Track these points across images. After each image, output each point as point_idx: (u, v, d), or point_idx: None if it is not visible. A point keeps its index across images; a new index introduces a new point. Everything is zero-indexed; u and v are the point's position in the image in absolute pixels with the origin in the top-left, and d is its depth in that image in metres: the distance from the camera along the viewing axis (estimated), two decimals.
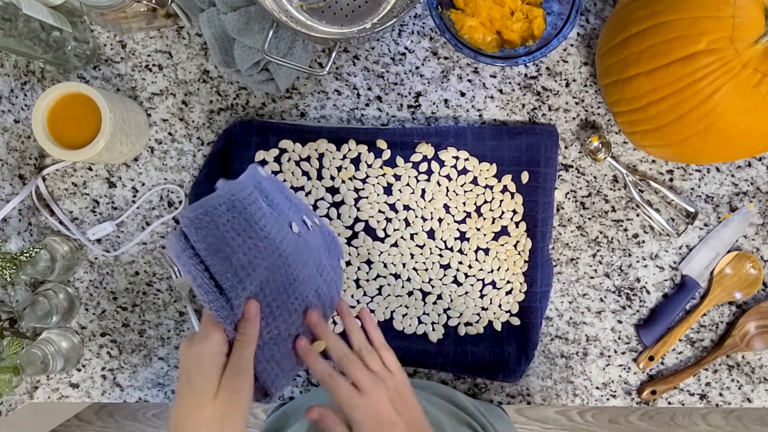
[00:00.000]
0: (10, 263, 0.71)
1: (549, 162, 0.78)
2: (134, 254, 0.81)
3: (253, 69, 0.74)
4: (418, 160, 0.78)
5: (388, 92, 0.80)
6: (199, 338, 0.52)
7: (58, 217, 0.80)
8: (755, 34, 0.59)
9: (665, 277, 0.81)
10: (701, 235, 0.80)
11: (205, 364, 0.51)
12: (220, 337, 0.52)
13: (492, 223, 0.79)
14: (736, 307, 0.81)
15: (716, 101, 0.61)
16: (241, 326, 0.53)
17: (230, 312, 0.52)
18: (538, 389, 0.81)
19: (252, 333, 0.53)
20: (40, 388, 0.81)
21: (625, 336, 0.81)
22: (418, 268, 0.79)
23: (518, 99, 0.80)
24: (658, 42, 0.62)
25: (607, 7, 0.79)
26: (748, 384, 0.81)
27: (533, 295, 0.79)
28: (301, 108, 0.80)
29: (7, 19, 0.66)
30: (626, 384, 0.81)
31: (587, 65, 0.80)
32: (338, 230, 0.78)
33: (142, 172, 0.80)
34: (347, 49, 0.80)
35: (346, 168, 0.78)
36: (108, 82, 0.80)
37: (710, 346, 0.81)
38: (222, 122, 0.80)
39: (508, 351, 0.78)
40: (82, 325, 0.81)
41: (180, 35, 0.79)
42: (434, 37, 0.79)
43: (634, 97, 0.66)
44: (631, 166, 0.80)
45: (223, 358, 0.52)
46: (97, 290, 0.81)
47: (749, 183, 0.80)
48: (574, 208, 0.80)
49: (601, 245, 0.80)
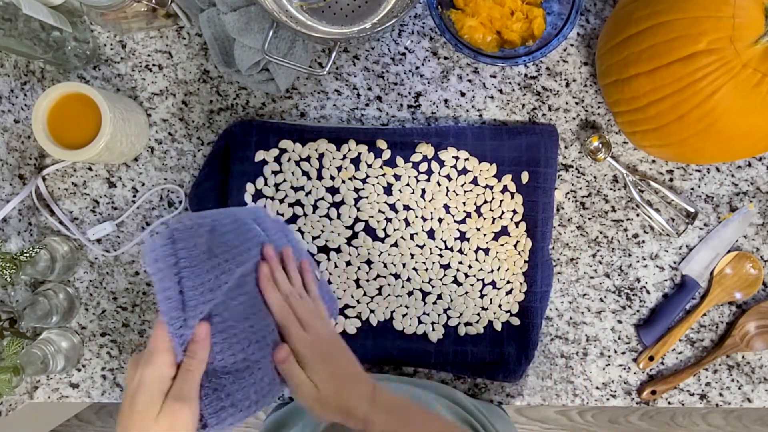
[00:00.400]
0: (10, 263, 0.71)
1: (549, 162, 0.78)
2: (134, 254, 0.81)
3: (253, 69, 0.74)
4: (418, 160, 0.78)
5: (388, 92, 0.80)
6: (146, 359, 0.50)
7: (58, 217, 0.80)
8: (755, 34, 0.59)
9: (665, 277, 0.81)
10: (701, 235, 0.80)
11: (148, 386, 0.49)
12: (167, 359, 0.50)
13: (492, 223, 0.79)
14: (736, 307, 0.81)
15: (716, 101, 0.61)
16: (190, 348, 0.51)
17: (185, 331, 0.51)
18: (538, 389, 0.81)
19: (200, 357, 0.51)
20: (40, 388, 0.81)
21: (625, 336, 0.81)
22: (418, 268, 0.79)
23: (518, 99, 0.80)
24: (658, 42, 0.62)
25: (607, 7, 0.79)
26: (748, 384, 0.81)
27: (533, 295, 0.79)
28: (301, 108, 0.80)
29: (7, 19, 0.66)
30: (626, 384, 0.81)
31: (587, 65, 0.80)
32: (338, 230, 0.78)
33: (142, 172, 0.80)
34: (347, 49, 0.80)
35: (346, 168, 0.78)
36: (108, 82, 0.80)
37: (710, 346, 0.81)
38: (222, 122, 0.80)
39: (508, 351, 0.78)
40: (82, 325, 0.81)
41: (180, 35, 0.79)
42: (434, 37, 0.79)
43: (634, 97, 0.66)
44: (631, 166, 0.80)
45: (167, 382, 0.50)
46: (97, 290, 0.81)
47: (749, 183, 0.80)
48: (574, 208, 0.80)
49: (601, 245, 0.80)
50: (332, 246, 0.78)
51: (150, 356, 0.50)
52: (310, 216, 0.78)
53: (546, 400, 0.81)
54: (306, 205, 0.78)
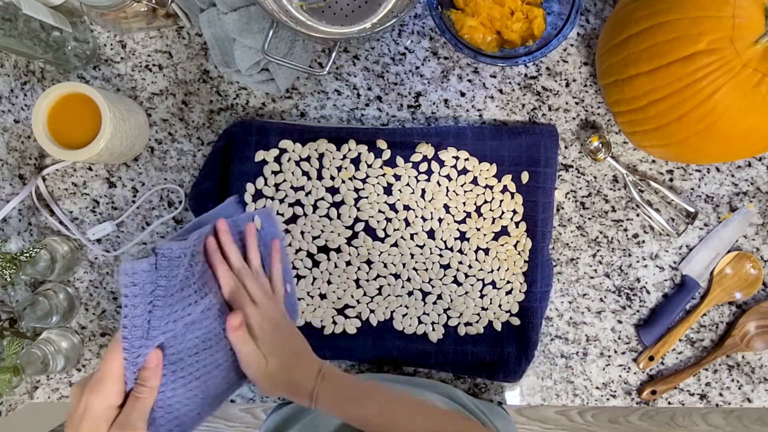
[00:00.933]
0: (10, 263, 0.71)
1: (549, 162, 0.78)
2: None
3: (253, 69, 0.74)
4: (418, 160, 0.78)
5: (388, 92, 0.80)
6: (92, 386, 0.48)
7: (58, 217, 0.80)
8: (755, 34, 0.59)
9: (665, 277, 0.81)
10: (701, 235, 0.80)
11: (94, 415, 0.48)
12: (116, 388, 0.48)
13: (492, 223, 0.79)
14: (736, 307, 0.81)
15: (716, 101, 0.61)
16: (141, 375, 0.49)
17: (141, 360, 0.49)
18: (538, 389, 0.81)
19: (151, 384, 0.49)
20: (40, 388, 0.81)
21: (625, 336, 0.81)
22: (418, 268, 0.79)
23: (518, 99, 0.80)
24: (658, 42, 0.62)
25: (607, 7, 0.79)
26: (748, 384, 0.81)
27: (533, 295, 0.79)
28: (301, 108, 0.80)
29: (7, 19, 0.66)
30: (626, 384, 0.81)
31: (587, 65, 0.80)
32: (338, 230, 0.78)
33: (142, 172, 0.80)
34: (347, 49, 0.80)
35: (346, 168, 0.78)
36: (108, 82, 0.80)
37: (710, 346, 0.81)
38: (222, 122, 0.80)
39: (508, 351, 0.78)
40: (82, 325, 0.81)
41: (180, 35, 0.79)
42: (434, 37, 0.79)
43: (634, 97, 0.66)
44: (631, 166, 0.80)
45: (113, 411, 0.48)
46: (97, 290, 0.81)
47: (749, 183, 0.80)
48: (574, 208, 0.80)
49: (601, 245, 0.80)
50: (332, 246, 0.78)
51: (99, 383, 0.48)
52: (310, 216, 0.78)
53: (546, 400, 0.81)
54: (306, 205, 0.78)
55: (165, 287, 0.49)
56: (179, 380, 0.53)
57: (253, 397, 0.81)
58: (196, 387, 0.54)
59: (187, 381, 0.53)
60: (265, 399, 0.81)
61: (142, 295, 0.48)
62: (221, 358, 0.57)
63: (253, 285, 0.60)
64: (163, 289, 0.49)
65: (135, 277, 0.48)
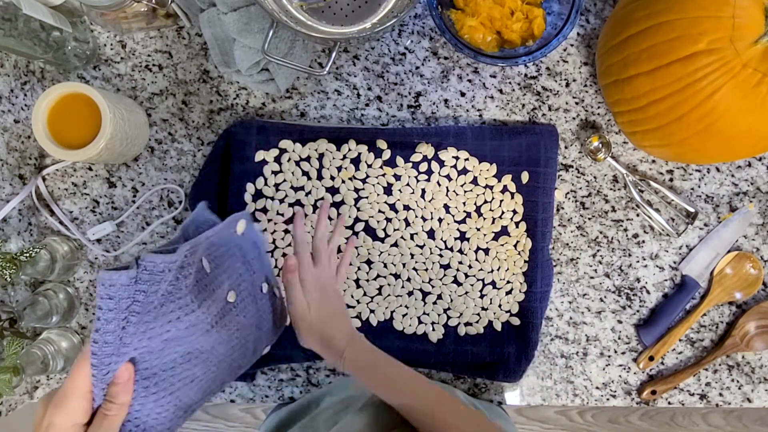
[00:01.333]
0: (10, 263, 0.71)
1: (549, 162, 0.78)
2: (134, 254, 0.81)
3: (253, 69, 0.74)
4: (418, 160, 0.78)
5: (388, 92, 0.80)
6: (56, 402, 0.45)
7: (58, 217, 0.80)
8: (755, 34, 0.59)
9: (665, 277, 0.81)
10: (701, 235, 0.80)
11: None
12: (83, 405, 0.45)
13: (492, 223, 0.79)
14: (736, 307, 0.81)
15: (716, 101, 0.61)
16: (110, 391, 0.46)
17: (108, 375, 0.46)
18: (538, 389, 0.81)
19: (121, 401, 0.46)
20: (40, 388, 0.81)
21: (625, 336, 0.81)
22: (418, 268, 0.79)
23: (518, 99, 0.80)
24: (658, 42, 0.62)
25: (607, 7, 0.79)
26: (748, 384, 0.81)
27: (533, 295, 0.79)
28: (301, 108, 0.80)
29: (7, 19, 0.66)
30: (626, 384, 0.81)
31: (587, 65, 0.80)
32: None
33: (142, 172, 0.80)
34: (347, 49, 0.80)
35: (346, 168, 0.78)
36: (108, 82, 0.80)
37: (710, 346, 0.81)
38: (222, 122, 0.80)
39: (508, 351, 0.78)
40: (82, 325, 0.81)
41: (180, 35, 0.79)
42: (434, 37, 0.79)
43: (634, 97, 0.66)
44: (631, 166, 0.80)
45: (79, 430, 0.45)
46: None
47: (749, 183, 0.80)
48: (574, 208, 0.80)
49: (601, 245, 0.80)
50: None
51: (63, 399, 0.45)
52: (310, 216, 0.78)
53: (546, 400, 0.81)
54: (306, 205, 0.78)
55: (142, 303, 0.46)
56: (151, 396, 0.50)
57: (253, 397, 0.81)
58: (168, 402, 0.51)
59: (159, 396, 0.50)
60: (264, 399, 0.81)
61: (117, 310, 0.45)
62: (199, 372, 0.54)
63: (321, 249, 0.68)
64: (140, 305, 0.46)
65: (112, 290, 0.45)
